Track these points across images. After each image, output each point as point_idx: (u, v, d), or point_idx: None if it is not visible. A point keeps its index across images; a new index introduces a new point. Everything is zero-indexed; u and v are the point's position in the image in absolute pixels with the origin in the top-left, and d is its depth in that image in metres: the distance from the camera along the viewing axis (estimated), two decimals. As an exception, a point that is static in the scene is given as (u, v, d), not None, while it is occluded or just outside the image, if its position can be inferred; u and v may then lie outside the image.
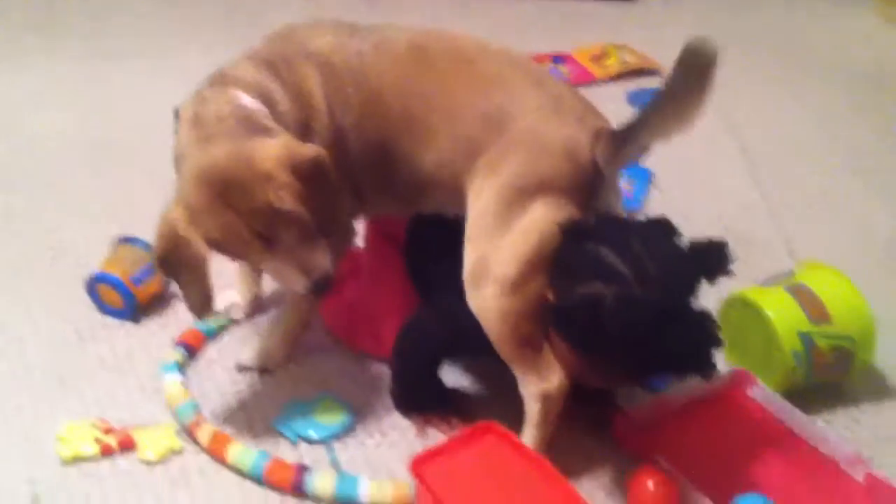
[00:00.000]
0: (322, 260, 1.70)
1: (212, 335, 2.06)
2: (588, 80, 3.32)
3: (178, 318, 2.11)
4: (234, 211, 1.61)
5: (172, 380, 1.90)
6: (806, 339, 1.88)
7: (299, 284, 1.70)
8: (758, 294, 1.97)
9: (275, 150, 1.62)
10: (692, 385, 1.91)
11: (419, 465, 1.57)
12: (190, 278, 1.67)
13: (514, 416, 1.77)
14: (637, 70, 3.39)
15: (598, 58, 3.46)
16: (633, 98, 3.15)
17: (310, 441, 1.81)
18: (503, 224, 1.69)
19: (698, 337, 1.62)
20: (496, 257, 1.69)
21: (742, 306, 1.98)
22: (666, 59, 1.93)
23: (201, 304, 1.71)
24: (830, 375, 1.95)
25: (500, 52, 1.82)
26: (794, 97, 3.25)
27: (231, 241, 1.63)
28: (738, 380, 1.97)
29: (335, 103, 1.78)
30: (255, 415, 1.88)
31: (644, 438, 1.82)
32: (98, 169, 2.69)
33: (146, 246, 2.12)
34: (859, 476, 1.79)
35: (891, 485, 1.75)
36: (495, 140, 1.72)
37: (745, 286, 2.07)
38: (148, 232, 2.29)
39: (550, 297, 1.68)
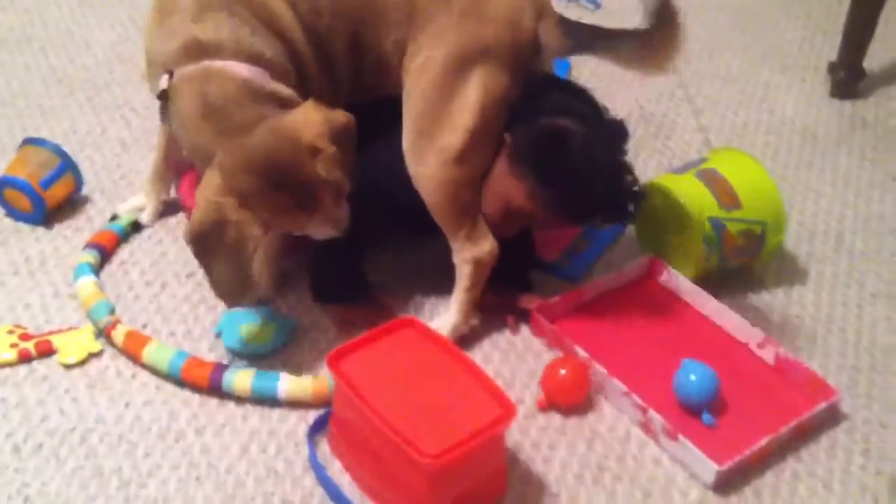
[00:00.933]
0: (345, 211, 1.70)
1: (124, 236, 2.03)
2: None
3: (91, 221, 2.08)
4: (286, 189, 1.59)
5: (86, 281, 1.88)
6: (717, 224, 1.91)
7: (329, 234, 1.71)
8: (670, 181, 1.99)
9: (314, 123, 1.60)
10: (605, 275, 1.95)
11: (335, 360, 1.58)
12: (228, 262, 1.62)
13: (435, 313, 1.79)
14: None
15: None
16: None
17: (240, 352, 1.80)
18: (446, 95, 1.73)
19: (634, 189, 1.78)
20: (440, 128, 1.72)
21: (655, 193, 2.00)
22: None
23: (237, 288, 1.66)
24: (742, 259, 1.99)
25: None
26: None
27: (281, 216, 1.62)
28: (650, 267, 2.00)
29: (304, 13, 1.74)
30: (172, 315, 1.88)
31: (561, 329, 1.85)
32: None
33: (54, 147, 2.08)
34: (769, 357, 1.84)
35: (799, 363, 1.81)
36: (443, 9, 1.74)
37: (661, 173, 2.10)
38: (55, 132, 2.27)
39: (508, 139, 1.75)
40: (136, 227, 2.06)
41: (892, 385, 1.84)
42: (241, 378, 1.70)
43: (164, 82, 1.67)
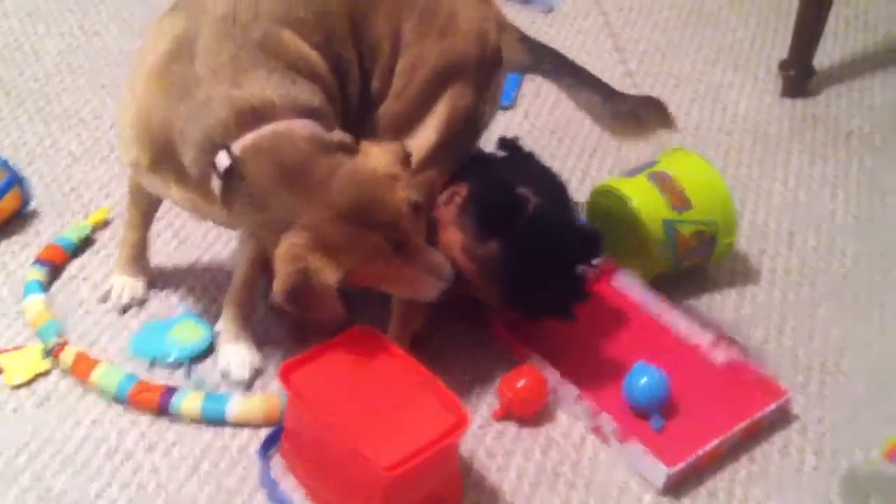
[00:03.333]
0: (440, 256, 1.63)
1: (73, 251, 2.00)
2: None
3: (39, 235, 2.05)
4: (378, 230, 1.53)
5: (34, 300, 1.86)
6: (669, 226, 1.92)
7: (434, 288, 1.62)
8: (622, 184, 1.99)
9: (382, 155, 1.56)
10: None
11: (288, 372, 1.57)
12: (322, 309, 1.55)
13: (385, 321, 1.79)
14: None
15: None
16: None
17: (170, 363, 1.79)
18: (420, 111, 1.73)
19: (577, 288, 1.80)
20: (408, 139, 1.71)
21: (608, 196, 2.01)
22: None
23: (338, 321, 1.61)
24: (694, 260, 2.00)
25: None
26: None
27: (376, 261, 1.55)
28: (603, 270, 2.01)
29: (320, 44, 1.66)
30: (122, 331, 1.86)
31: (515, 334, 1.86)
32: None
33: (1, 162, 2.06)
34: (721, 358, 1.85)
35: (748, 365, 1.82)
36: (421, 30, 1.73)
37: (613, 175, 2.11)
38: (3, 145, 2.24)
39: (464, 189, 1.75)
40: (86, 242, 2.03)
41: (845, 384, 1.86)
42: (191, 401, 1.69)
43: (224, 160, 1.51)
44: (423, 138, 1.73)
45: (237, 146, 1.51)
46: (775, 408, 1.74)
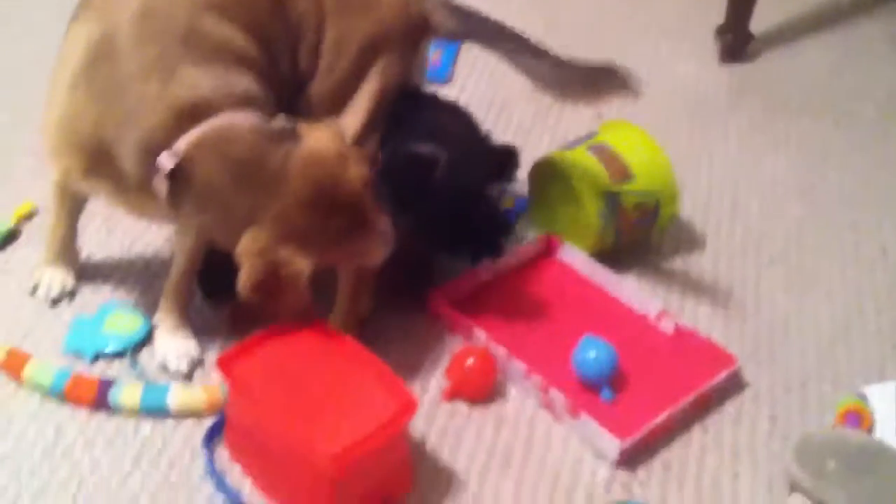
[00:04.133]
0: (385, 221, 1.60)
1: None
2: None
3: (-37, 230, 1.98)
4: (339, 212, 1.51)
5: (-40, 297, 1.79)
6: (610, 198, 1.90)
7: (381, 255, 1.60)
8: (562, 157, 1.97)
9: (328, 136, 1.53)
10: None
11: (226, 363, 1.52)
12: (288, 302, 1.52)
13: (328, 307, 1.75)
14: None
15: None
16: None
17: (107, 355, 1.74)
18: (352, 84, 1.70)
19: (500, 221, 1.83)
20: (342, 114, 1.69)
21: (549, 169, 1.98)
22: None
23: (303, 314, 1.57)
24: (637, 233, 1.98)
25: None
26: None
27: (340, 245, 1.53)
28: (547, 245, 1.98)
29: (246, 25, 1.60)
30: (53, 326, 1.79)
31: (459, 311, 1.82)
32: None
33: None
34: (668, 328, 1.83)
35: (696, 334, 1.81)
36: (346, 6, 1.69)
37: (553, 149, 2.08)
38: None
39: (379, 156, 1.69)
40: (11, 235, 1.96)
41: (794, 349, 1.85)
42: (129, 393, 1.64)
43: (167, 161, 1.47)
44: (357, 113, 1.70)
45: (180, 145, 1.47)
46: (726, 376, 1.73)
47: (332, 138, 1.54)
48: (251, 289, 1.49)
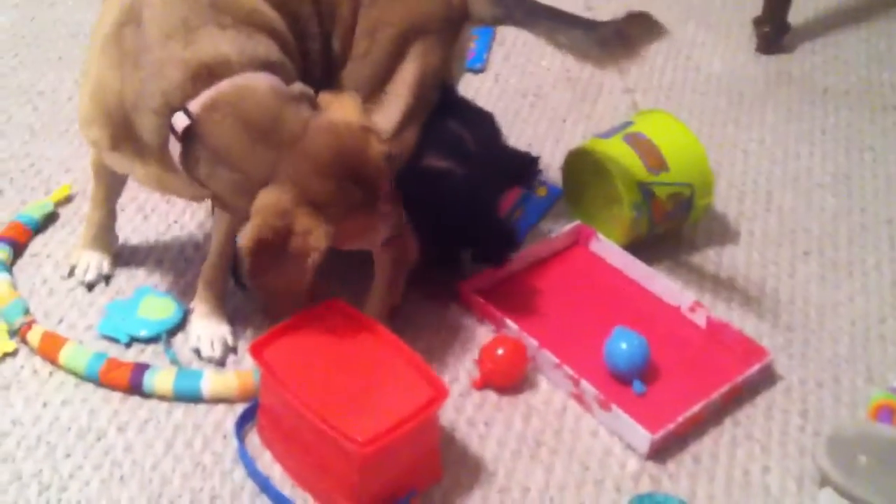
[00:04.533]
0: (398, 208, 1.61)
1: (36, 228, 1.95)
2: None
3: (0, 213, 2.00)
4: (356, 183, 1.49)
5: (-3, 280, 1.80)
6: (645, 189, 1.88)
7: (383, 236, 1.61)
8: (598, 145, 1.96)
9: (352, 107, 1.52)
10: (534, 244, 1.93)
11: (259, 348, 1.53)
12: (286, 276, 1.50)
13: (360, 295, 1.76)
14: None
15: None
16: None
17: (142, 340, 1.75)
18: (387, 75, 1.69)
19: (507, 236, 1.84)
20: (378, 105, 1.68)
21: (583, 159, 1.97)
22: None
23: (291, 303, 1.56)
24: (671, 223, 1.97)
25: None
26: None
27: (353, 215, 1.51)
28: (579, 235, 1.98)
29: (276, 2, 1.60)
30: (88, 308, 1.81)
31: (490, 302, 1.82)
32: None
33: (-41, 139, 2.00)
34: (701, 321, 1.82)
35: (730, 326, 1.80)
36: None
37: (588, 138, 2.07)
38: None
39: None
40: (50, 218, 1.97)
41: (827, 343, 1.83)
42: (163, 378, 1.65)
43: (181, 121, 1.45)
44: (395, 102, 1.69)
45: (195, 105, 1.45)
46: (758, 369, 1.72)
47: (354, 110, 1.53)
48: (254, 245, 1.45)
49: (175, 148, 1.48)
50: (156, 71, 1.48)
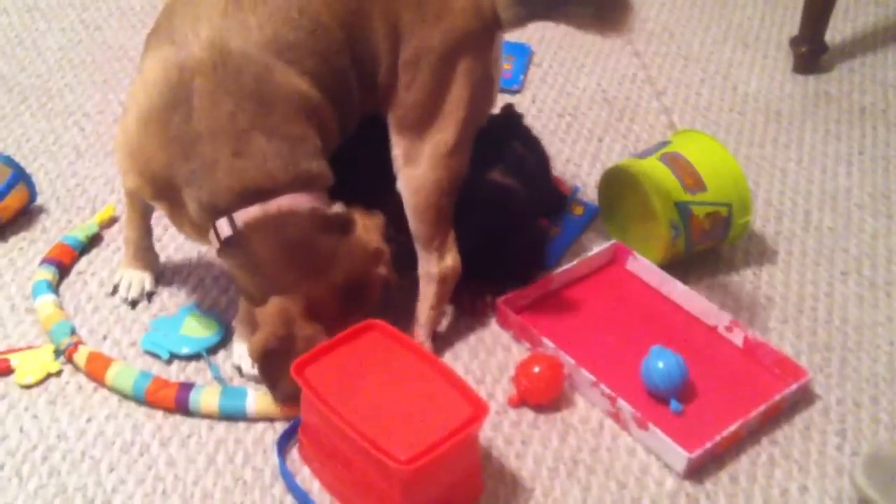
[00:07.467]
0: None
1: (81, 249, 1.98)
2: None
3: (46, 231, 2.04)
4: (358, 305, 1.65)
5: (44, 301, 1.83)
6: (683, 208, 1.89)
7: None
8: (635, 165, 1.96)
9: (371, 228, 1.67)
10: (571, 263, 1.94)
11: (301, 367, 1.55)
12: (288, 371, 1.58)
13: (404, 317, 1.78)
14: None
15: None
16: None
17: (183, 357, 1.78)
18: (437, 96, 1.71)
19: (538, 258, 1.94)
20: (434, 127, 1.71)
21: (620, 178, 1.98)
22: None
23: (297, 389, 1.60)
24: (709, 242, 1.97)
25: None
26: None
27: (346, 321, 1.62)
28: (616, 253, 1.98)
29: (312, 67, 1.63)
30: (132, 325, 1.84)
31: (527, 320, 1.83)
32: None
33: (5, 158, 2.04)
34: (738, 340, 1.82)
35: (768, 345, 1.79)
36: (418, 19, 1.68)
37: (625, 157, 2.08)
38: (7, 142, 2.23)
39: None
40: (94, 239, 2.01)
41: (865, 363, 1.83)
42: (208, 397, 1.67)
43: (225, 228, 1.58)
44: (450, 126, 1.71)
45: (240, 217, 1.57)
46: (796, 389, 1.71)
47: (375, 230, 1.67)
48: (262, 352, 1.59)
49: (215, 242, 1.61)
50: (207, 170, 1.57)
